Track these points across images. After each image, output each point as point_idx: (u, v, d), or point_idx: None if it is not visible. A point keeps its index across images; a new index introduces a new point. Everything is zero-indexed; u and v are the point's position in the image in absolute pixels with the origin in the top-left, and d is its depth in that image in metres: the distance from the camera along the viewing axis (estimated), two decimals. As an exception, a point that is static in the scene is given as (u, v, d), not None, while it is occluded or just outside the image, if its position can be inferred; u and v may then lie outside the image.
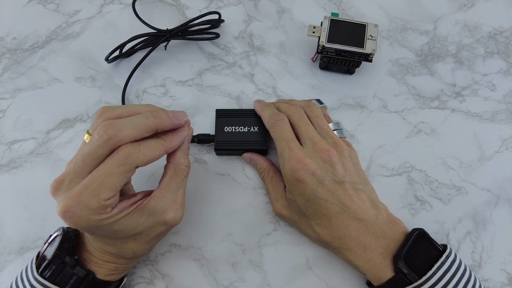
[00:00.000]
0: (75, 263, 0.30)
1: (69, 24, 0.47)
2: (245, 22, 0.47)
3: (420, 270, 0.30)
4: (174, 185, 0.31)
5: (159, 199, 0.30)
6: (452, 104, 0.43)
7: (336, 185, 0.32)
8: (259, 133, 0.39)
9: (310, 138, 0.34)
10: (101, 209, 0.26)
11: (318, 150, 0.33)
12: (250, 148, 0.39)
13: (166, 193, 0.30)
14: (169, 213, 0.30)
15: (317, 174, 0.32)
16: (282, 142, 0.34)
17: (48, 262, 0.30)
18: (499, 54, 0.45)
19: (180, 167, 0.31)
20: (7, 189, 0.40)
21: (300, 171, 0.32)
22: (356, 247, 0.32)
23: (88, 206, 0.25)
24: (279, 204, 0.37)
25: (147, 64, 0.45)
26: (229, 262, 0.37)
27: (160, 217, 0.30)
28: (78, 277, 0.30)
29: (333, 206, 0.32)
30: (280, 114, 0.36)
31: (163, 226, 0.30)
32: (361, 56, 0.39)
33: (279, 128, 0.35)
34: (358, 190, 0.33)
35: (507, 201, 0.39)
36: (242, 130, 0.39)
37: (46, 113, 0.43)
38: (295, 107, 0.37)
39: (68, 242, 0.31)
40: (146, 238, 0.30)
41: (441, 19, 0.47)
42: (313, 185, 0.32)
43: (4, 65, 0.46)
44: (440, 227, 0.38)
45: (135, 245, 0.31)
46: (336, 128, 0.38)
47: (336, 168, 0.32)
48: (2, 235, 0.39)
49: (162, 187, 0.30)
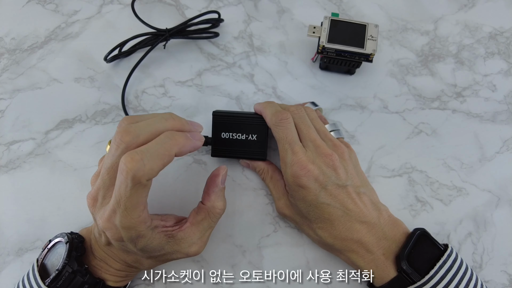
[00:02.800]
0: (85, 272, 0.30)
1: (68, 24, 0.47)
2: (245, 22, 0.47)
3: (422, 270, 0.30)
4: (205, 225, 0.31)
5: (188, 234, 0.30)
6: (453, 104, 0.43)
7: (339, 189, 0.32)
8: (257, 142, 0.37)
9: (312, 141, 0.33)
10: (138, 224, 0.26)
11: (321, 155, 0.32)
12: (248, 157, 0.38)
13: (196, 230, 0.31)
14: (193, 247, 0.31)
15: (320, 179, 0.31)
16: (285, 145, 0.33)
17: (57, 272, 0.29)
18: (499, 54, 0.45)
19: (215, 210, 0.31)
20: (5, 190, 0.40)
21: (303, 177, 0.31)
22: (359, 249, 0.32)
23: (124, 227, 0.26)
24: (281, 202, 0.36)
25: (147, 65, 0.45)
26: (229, 264, 0.37)
27: (184, 249, 0.30)
28: (90, 285, 0.30)
29: (336, 210, 0.32)
30: (285, 112, 0.34)
31: (183, 255, 0.31)
32: (362, 56, 0.39)
33: (283, 129, 0.33)
34: (360, 193, 0.33)
35: (508, 202, 0.39)
36: (240, 137, 0.37)
37: (45, 113, 0.43)
38: (296, 107, 0.36)
39: (76, 251, 0.31)
40: (164, 259, 0.31)
41: (441, 20, 0.47)
42: (316, 191, 0.31)
43: (3, 66, 0.45)
44: (440, 228, 0.38)
45: (153, 261, 0.31)
46: (333, 129, 0.37)
47: (339, 172, 0.32)
48: (1, 236, 0.39)
49: (193, 223, 0.31)
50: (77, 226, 0.35)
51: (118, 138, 0.25)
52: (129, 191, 0.24)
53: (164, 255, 0.30)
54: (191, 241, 0.31)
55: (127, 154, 0.24)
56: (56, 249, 0.31)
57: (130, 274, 0.33)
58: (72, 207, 0.39)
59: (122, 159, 0.24)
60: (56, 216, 0.39)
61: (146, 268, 0.33)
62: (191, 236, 0.31)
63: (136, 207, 0.25)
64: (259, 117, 0.37)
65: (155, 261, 0.32)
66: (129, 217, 0.25)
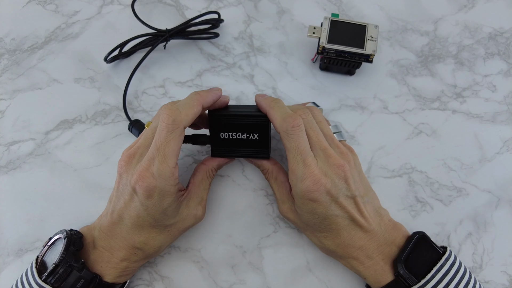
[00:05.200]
0: (82, 266, 0.30)
1: (68, 25, 0.47)
2: (245, 22, 0.47)
3: (420, 274, 0.30)
4: (204, 185, 0.36)
5: (193, 194, 0.35)
6: (453, 105, 0.43)
7: (348, 200, 0.31)
8: (260, 140, 0.34)
9: (323, 150, 0.31)
10: (172, 175, 0.30)
11: (333, 166, 0.31)
12: (250, 156, 0.36)
13: (198, 190, 0.35)
14: (199, 208, 0.35)
15: (332, 192, 0.30)
16: (297, 156, 0.30)
17: (54, 266, 0.29)
18: (499, 55, 0.45)
19: (213, 171, 0.37)
20: (5, 190, 0.40)
21: (316, 192, 0.30)
22: (360, 255, 0.32)
23: (161, 175, 0.29)
24: (285, 206, 0.35)
25: (147, 65, 0.45)
26: (229, 264, 0.37)
27: (193, 211, 0.34)
28: (86, 280, 0.30)
29: (343, 220, 0.31)
30: (297, 118, 0.31)
31: (192, 220, 0.35)
32: (362, 57, 0.39)
33: (295, 137, 0.30)
34: (365, 203, 0.32)
35: (508, 203, 0.39)
36: (240, 137, 0.34)
37: (45, 114, 0.43)
38: (303, 110, 0.33)
39: (74, 246, 0.31)
40: (176, 230, 0.34)
41: (441, 20, 0.47)
42: (326, 204, 0.30)
43: (3, 66, 0.45)
44: (441, 229, 0.38)
45: (164, 237, 0.33)
46: (335, 131, 0.36)
47: (350, 183, 0.31)
48: (1, 236, 0.39)
49: (194, 183, 0.35)
50: (77, 227, 0.35)
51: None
52: (169, 136, 0.29)
53: (177, 223, 0.34)
54: (196, 201, 0.35)
55: (164, 107, 0.30)
56: (56, 246, 0.32)
57: (130, 266, 0.33)
58: (72, 208, 0.39)
59: (161, 111, 0.30)
60: (56, 217, 0.39)
61: (153, 251, 0.33)
62: (195, 196, 0.35)
63: (172, 155, 0.29)
64: (260, 114, 0.34)
65: (167, 236, 0.33)
66: (166, 164, 0.29)
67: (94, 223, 0.35)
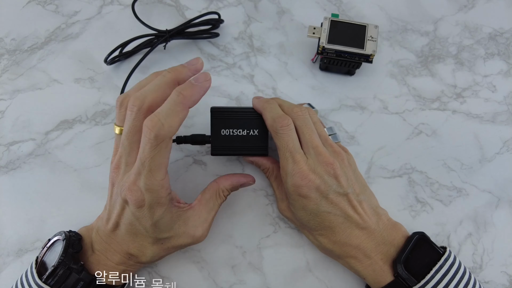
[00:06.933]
0: (81, 269, 0.30)
1: (68, 25, 0.47)
2: (245, 23, 0.47)
3: (420, 274, 0.30)
4: (211, 205, 0.34)
5: (196, 212, 0.33)
6: (453, 105, 0.43)
7: (340, 197, 0.32)
8: (259, 136, 0.35)
9: (314, 148, 0.32)
10: (161, 187, 0.28)
11: (323, 163, 0.31)
12: (249, 153, 0.37)
13: (203, 209, 0.33)
14: (199, 229, 0.33)
15: (321, 188, 0.31)
16: (286, 153, 0.32)
17: (53, 268, 0.29)
18: (499, 55, 0.45)
19: (224, 192, 0.35)
20: (5, 190, 0.40)
21: (304, 187, 0.31)
22: (357, 254, 0.32)
23: (148, 189, 0.28)
24: (284, 204, 0.36)
25: (147, 66, 0.45)
26: (229, 265, 0.37)
27: (191, 230, 0.32)
28: (85, 282, 0.30)
29: (337, 217, 0.32)
30: (286, 118, 0.32)
31: (188, 239, 0.32)
32: (362, 57, 0.39)
33: (284, 136, 0.32)
34: (360, 200, 0.33)
35: (508, 203, 0.39)
36: (240, 133, 0.35)
37: (45, 114, 0.43)
38: (300, 109, 0.34)
39: (73, 248, 0.31)
40: (170, 245, 0.32)
41: (441, 20, 0.47)
42: (317, 200, 0.31)
43: (3, 66, 0.45)
44: (441, 229, 0.38)
45: (156, 248, 0.32)
46: (330, 133, 0.36)
47: (340, 180, 0.31)
48: (1, 236, 0.39)
49: (201, 201, 0.34)
50: (77, 227, 0.35)
51: (130, 104, 0.28)
52: (153, 151, 0.27)
53: (170, 238, 0.32)
54: (198, 221, 0.33)
55: (146, 120, 0.27)
56: (55, 247, 0.32)
57: (128, 269, 0.33)
58: (72, 208, 0.39)
59: (143, 124, 0.27)
60: (56, 217, 0.39)
61: (146, 260, 0.32)
62: (198, 215, 0.33)
63: (159, 168, 0.28)
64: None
65: (160, 248, 0.32)
66: (153, 178, 0.28)
67: (93, 224, 0.35)
